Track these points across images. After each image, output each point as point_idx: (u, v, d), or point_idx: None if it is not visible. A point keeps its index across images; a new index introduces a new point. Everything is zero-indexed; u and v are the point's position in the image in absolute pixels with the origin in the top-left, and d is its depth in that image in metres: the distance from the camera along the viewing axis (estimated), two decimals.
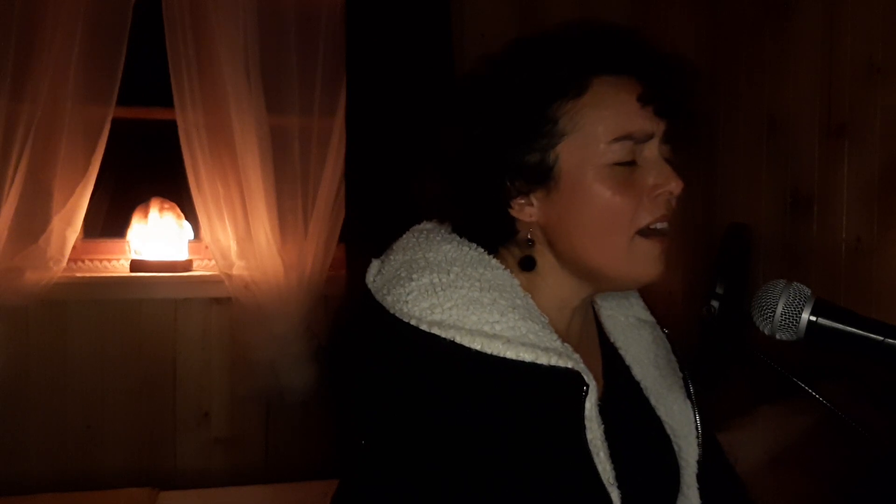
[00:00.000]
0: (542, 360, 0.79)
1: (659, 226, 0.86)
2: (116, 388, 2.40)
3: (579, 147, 0.84)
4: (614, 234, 0.85)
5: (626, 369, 0.99)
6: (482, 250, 0.88)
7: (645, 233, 0.86)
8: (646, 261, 0.86)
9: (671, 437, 0.97)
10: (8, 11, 2.17)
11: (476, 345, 0.78)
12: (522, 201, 0.87)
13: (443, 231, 0.91)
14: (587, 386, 0.80)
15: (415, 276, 0.83)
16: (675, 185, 0.85)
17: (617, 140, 0.84)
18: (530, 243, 0.89)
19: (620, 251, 0.85)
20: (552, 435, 0.80)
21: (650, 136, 0.86)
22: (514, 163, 0.86)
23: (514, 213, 0.88)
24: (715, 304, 2.15)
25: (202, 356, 2.47)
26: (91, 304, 2.39)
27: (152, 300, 2.43)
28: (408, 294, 0.82)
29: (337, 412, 0.86)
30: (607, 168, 0.84)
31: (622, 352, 1.00)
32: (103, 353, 2.39)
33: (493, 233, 0.90)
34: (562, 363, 0.79)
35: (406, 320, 0.80)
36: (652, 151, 0.86)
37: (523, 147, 0.85)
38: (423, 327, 0.79)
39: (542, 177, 0.85)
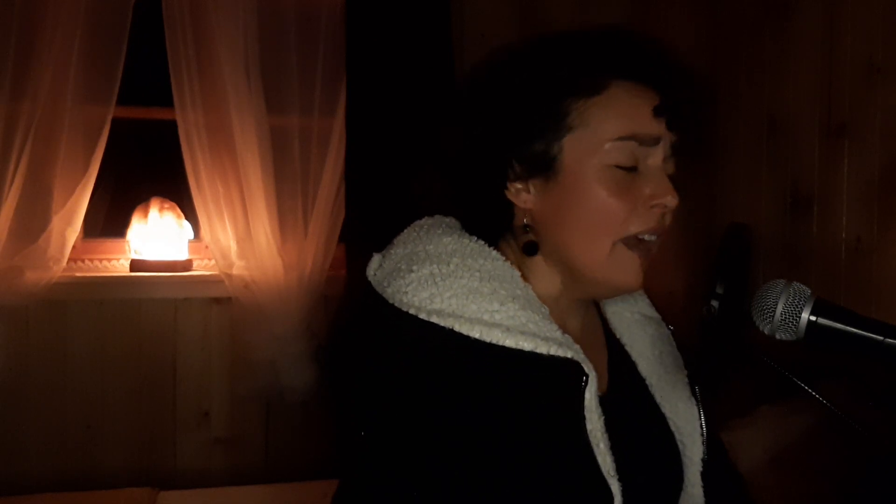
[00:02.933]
0: (542, 349, 0.79)
1: (647, 237, 0.86)
2: (116, 388, 2.40)
3: (584, 143, 0.85)
4: (601, 235, 0.85)
5: (633, 365, 0.99)
6: (482, 242, 0.88)
7: (630, 242, 0.86)
8: (624, 270, 0.86)
9: (675, 434, 0.97)
10: (8, 11, 2.17)
11: (475, 333, 0.78)
12: (520, 186, 0.88)
13: (443, 225, 0.92)
14: (587, 376, 0.80)
15: (415, 267, 0.84)
16: (670, 199, 0.85)
17: (622, 139, 0.84)
18: (528, 229, 0.89)
19: (602, 254, 0.85)
20: (552, 424, 0.80)
21: (656, 141, 0.86)
22: (518, 147, 0.87)
23: (510, 195, 0.88)
24: (715, 304, 2.15)
25: (202, 356, 2.47)
26: (91, 304, 2.39)
27: (152, 300, 2.43)
28: (408, 285, 0.82)
29: (337, 410, 0.86)
30: (608, 168, 0.84)
31: (628, 348, 1.00)
32: (103, 353, 2.39)
33: (489, 215, 0.90)
34: (561, 353, 0.80)
35: (405, 310, 0.80)
36: (655, 161, 0.86)
37: (530, 134, 0.86)
38: (423, 316, 0.79)
39: (543, 166, 0.86)
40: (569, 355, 0.80)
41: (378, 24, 2.37)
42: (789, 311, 0.81)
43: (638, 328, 1.02)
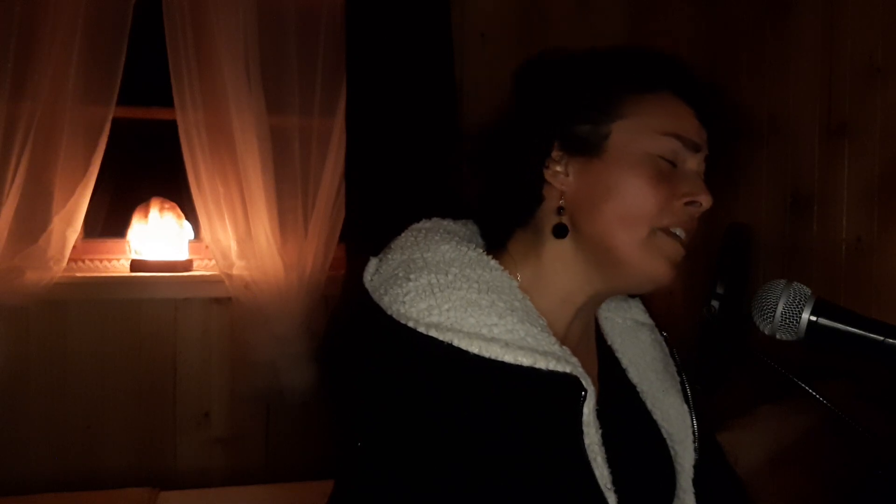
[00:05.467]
0: (541, 364, 0.78)
1: (678, 231, 0.88)
2: (116, 388, 2.40)
3: (632, 129, 0.88)
4: (635, 221, 0.86)
5: (623, 372, 0.98)
6: (481, 251, 0.88)
7: (665, 232, 0.87)
8: (661, 256, 0.87)
9: (667, 441, 0.97)
10: (8, 11, 2.17)
11: (474, 348, 0.77)
12: (559, 168, 0.89)
13: (441, 231, 0.91)
14: (585, 391, 0.80)
15: (412, 276, 0.83)
16: (705, 198, 0.88)
17: (667, 134, 0.87)
18: (561, 211, 0.89)
19: (637, 239, 0.86)
20: (550, 439, 0.80)
21: (697, 148, 0.89)
22: (567, 126, 0.89)
23: (548, 175, 0.90)
24: (715, 304, 2.15)
25: (202, 356, 2.47)
26: (91, 304, 2.39)
27: (152, 300, 2.43)
28: (405, 294, 0.81)
29: (333, 413, 0.86)
30: (651, 157, 0.87)
31: (619, 354, 1.00)
32: (103, 353, 2.39)
33: (521, 196, 0.91)
34: (560, 368, 0.79)
35: (403, 322, 0.79)
36: (693, 165, 0.90)
37: (582, 114, 0.89)
38: (421, 329, 0.78)
39: (588, 147, 0.88)
40: (567, 370, 0.79)
41: (378, 24, 2.37)
42: (790, 311, 0.81)
43: (629, 334, 1.02)
